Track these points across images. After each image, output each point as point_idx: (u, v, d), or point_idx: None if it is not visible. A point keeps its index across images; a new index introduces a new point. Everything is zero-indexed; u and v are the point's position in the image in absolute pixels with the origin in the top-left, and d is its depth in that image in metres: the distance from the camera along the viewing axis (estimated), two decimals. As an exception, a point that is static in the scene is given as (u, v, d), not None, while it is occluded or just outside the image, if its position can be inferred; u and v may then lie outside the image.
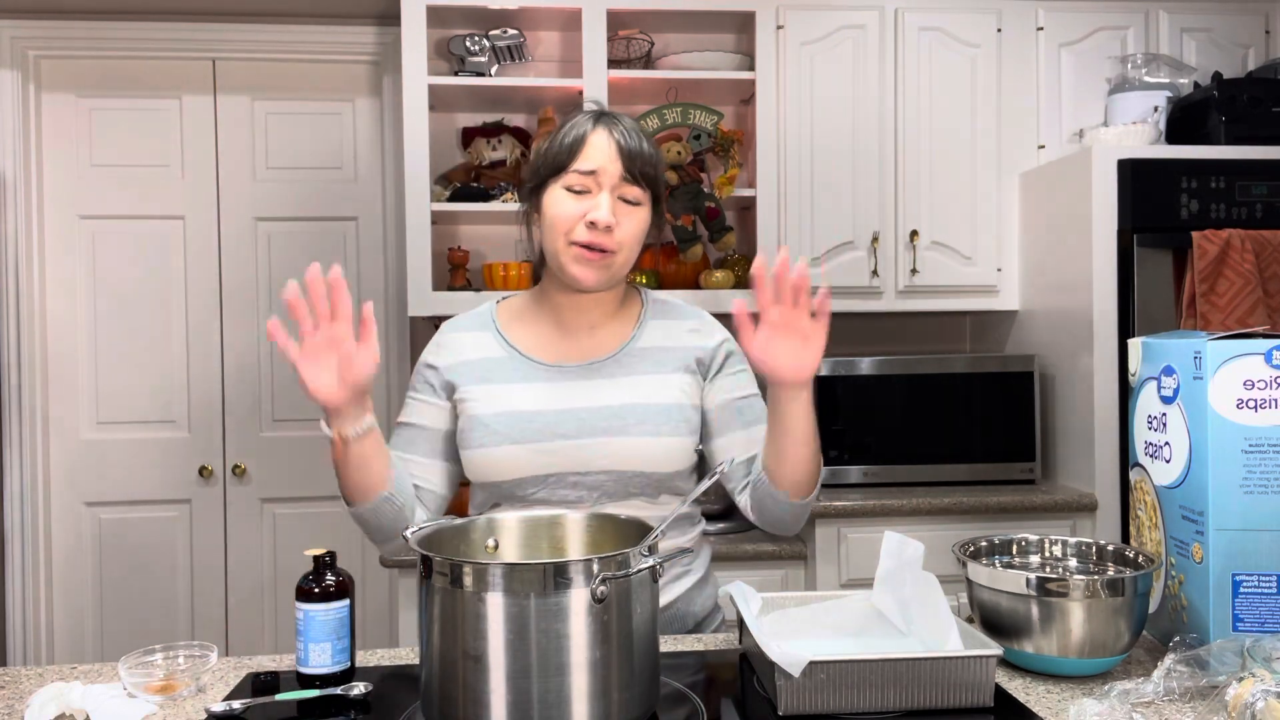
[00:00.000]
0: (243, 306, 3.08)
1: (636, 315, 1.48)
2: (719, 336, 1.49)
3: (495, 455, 1.37)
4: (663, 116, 2.68)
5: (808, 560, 2.46)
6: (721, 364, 1.46)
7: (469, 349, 1.44)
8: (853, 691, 1.07)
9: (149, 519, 3.07)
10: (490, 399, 1.39)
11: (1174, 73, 2.73)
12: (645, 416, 1.38)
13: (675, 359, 1.44)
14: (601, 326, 1.45)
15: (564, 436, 1.36)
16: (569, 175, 1.34)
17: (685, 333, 1.47)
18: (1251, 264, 2.37)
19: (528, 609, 0.97)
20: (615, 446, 1.36)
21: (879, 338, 3.17)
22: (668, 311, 1.49)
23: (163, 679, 1.18)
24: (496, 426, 1.37)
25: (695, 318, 1.50)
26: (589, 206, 1.33)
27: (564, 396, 1.39)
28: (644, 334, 1.45)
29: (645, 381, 1.41)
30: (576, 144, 1.35)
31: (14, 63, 2.95)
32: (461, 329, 1.47)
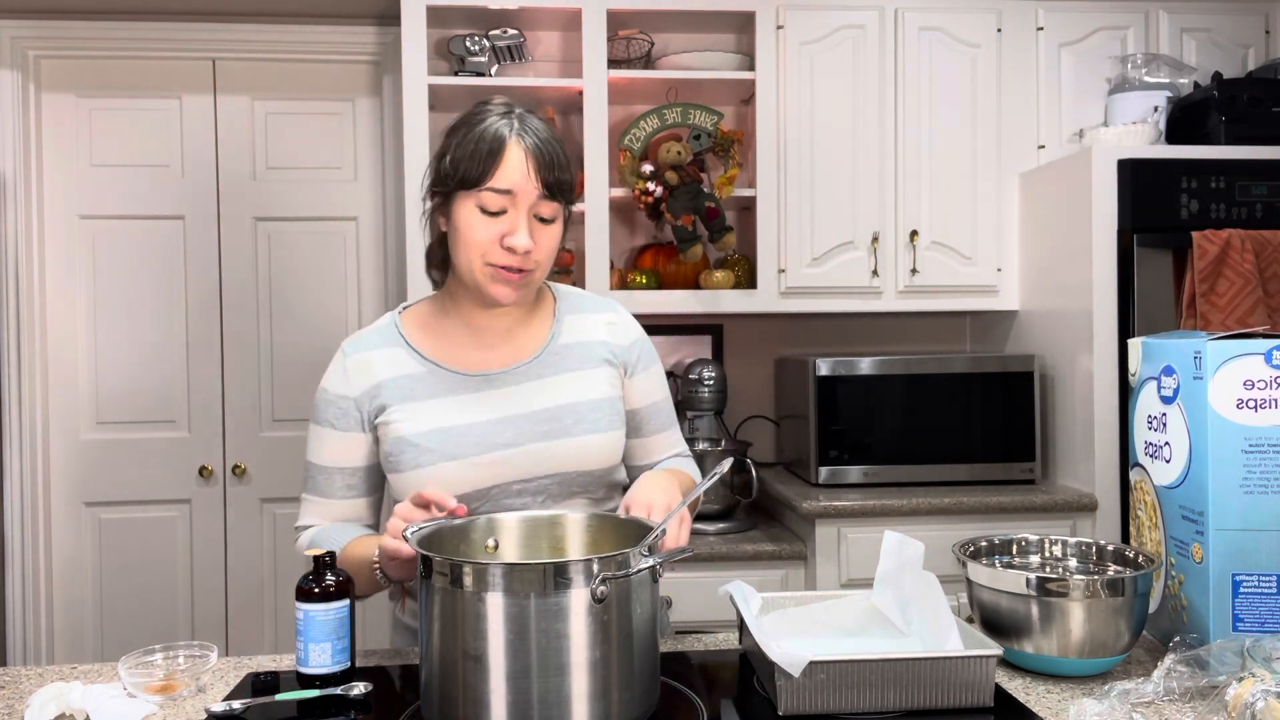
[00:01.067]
0: (243, 306, 3.08)
1: (550, 312, 1.44)
2: (633, 334, 1.46)
3: (432, 475, 1.31)
4: (663, 116, 2.68)
5: (808, 560, 2.46)
6: (636, 365, 1.45)
7: (381, 368, 1.36)
8: (853, 691, 1.07)
9: (149, 519, 3.07)
10: (416, 417, 1.33)
11: (1174, 73, 2.73)
12: (582, 415, 1.36)
13: (596, 354, 1.42)
14: (517, 329, 1.40)
15: (503, 446, 1.32)
16: (483, 194, 1.26)
17: (602, 326, 1.44)
18: (1251, 264, 2.37)
19: (528, 609, 0.97)
20: (557, 449, 1.34)
21: (879, 338, 3.17)
22: (580, 305, 1.46)
23: (163, 679, 1.18)
24: (429, 445, 1.31)
25: (609, 310, 1.47)
26: (505, 228, 1.27)
27: (494, 405, 1.34)
28: (562, 331, 1.42)
29: (573, 379, 1.38)
30: (491, 158, 1.26)
31: (14, 63, 2.95)
32: (368, 347, 1.38)
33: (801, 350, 3.08)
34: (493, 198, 1.27)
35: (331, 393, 1.38)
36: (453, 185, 1.29)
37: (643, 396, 1.45)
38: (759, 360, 3.11)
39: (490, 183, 1.26)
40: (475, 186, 1.27)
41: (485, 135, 1.27)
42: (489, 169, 1.26)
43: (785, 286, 2.75)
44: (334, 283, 3.12)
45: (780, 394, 3.01)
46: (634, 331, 1.47)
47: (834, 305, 2.78)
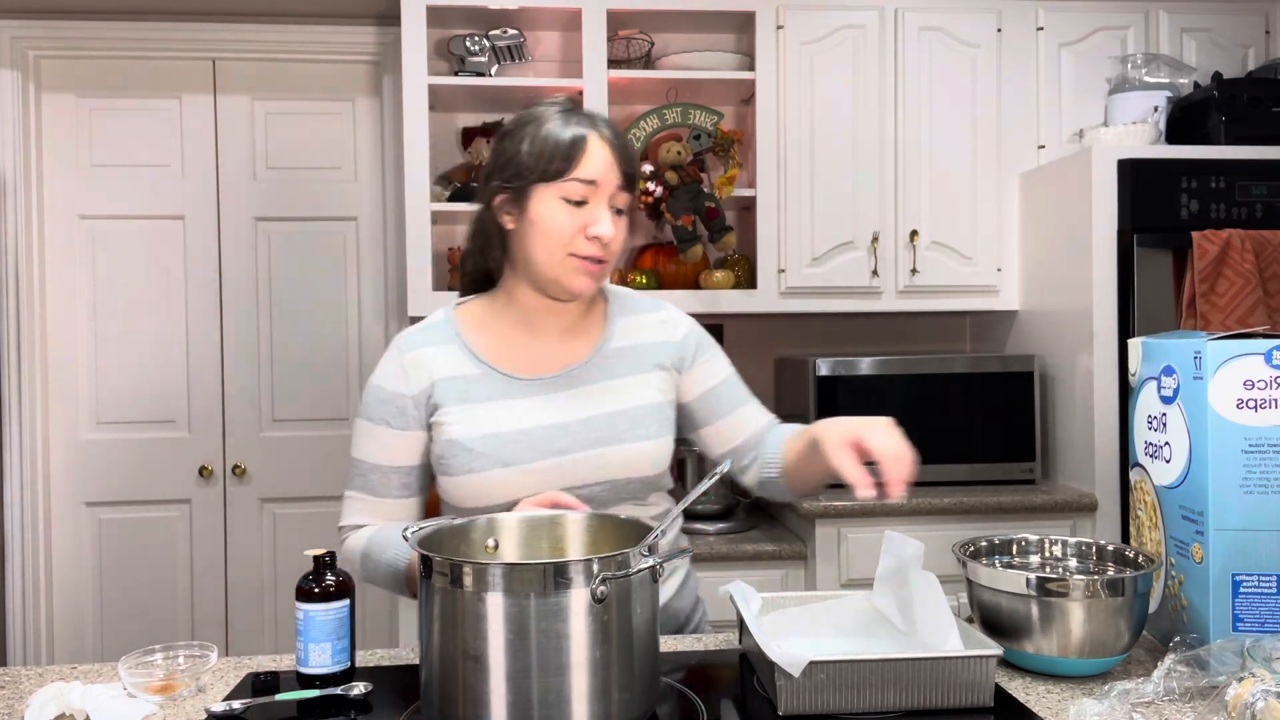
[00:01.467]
0: (243, 306, 3.08)
1: (602, 312, 1.45)
2: (684, 327, 1.47)
3: (485, 480, 1.31)
4: (663, 116, 2.68)
5: (808, 560, 2.46)
6: (694, 355, 1.45)
7: (439, 366, 1.36)
8: (853, 691, 1.07)
9: (149, 519, 3.07)
10: (470, 421, 1.33)
11: (1174, 73, 2.73)
12: (635, 421, 1.36)
13: (649, 357, 1.42)
14: (573, 329, 1.41)
15: (556, 453, 1.32)
16: (567, 184, 1.28)
17: (653, 327, 1.45)
18: (1251, 264, 2.38)
19: (528, 609, 0.97)
20: (610, 456, 1.34)
21: (879, 338, 3.17)
22: (630, 306, 1.47)
23: (163, 679, 1.18)
24: (482, 449, 1.31)
25: (659, 309, 1.48)
26: (587, 218, 1.30)
27: (548, 411, 1.34)
28: (615, 334, 1.42)
29: (625, 385, 1.39)
30: (576, 149, 1.29)
31: (14, 63, 2.95)
32: (427, 344, 1.38)
33: (801, 350, 3.08)
34: (577, 188, 1.29)
35: (388, 390, 1.36)
36: (532, 178, 1.30)
37: (707, 379, 1.45)
38: (759, 360, 3.11)
39: (575, 173, 1.29)
40: (559, 178, 1.29)
41: (565, 129, 1.30)
42: (574, 160, 1.29)
43: (785, 286, 2.75)
44: (334, 283, 3.12)
45: (780, 394, 3.01)
46: (684, 325, 1.47)
47: (834, 305, 2.78)
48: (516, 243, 1.34)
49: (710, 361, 1.47)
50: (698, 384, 1.45)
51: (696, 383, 1.45)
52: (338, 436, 3.11)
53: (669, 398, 1.42)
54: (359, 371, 3.12)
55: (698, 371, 1.45)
